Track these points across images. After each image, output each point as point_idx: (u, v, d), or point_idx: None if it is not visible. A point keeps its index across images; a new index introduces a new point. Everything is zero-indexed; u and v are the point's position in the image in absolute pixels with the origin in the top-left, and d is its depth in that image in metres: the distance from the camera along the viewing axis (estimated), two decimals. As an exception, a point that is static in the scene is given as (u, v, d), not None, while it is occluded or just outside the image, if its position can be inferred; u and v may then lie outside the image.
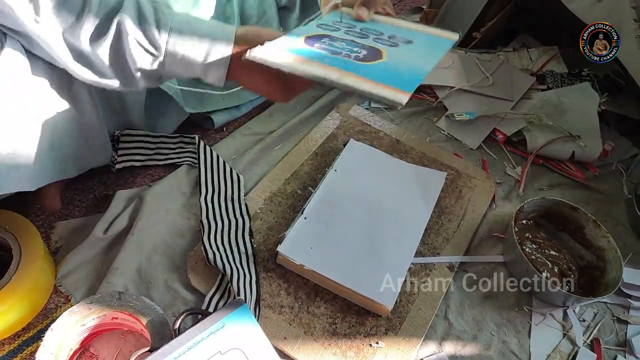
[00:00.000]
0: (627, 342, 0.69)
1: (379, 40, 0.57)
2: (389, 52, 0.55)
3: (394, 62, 0.52)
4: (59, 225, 0.69)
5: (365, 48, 0.54)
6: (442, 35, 0.62)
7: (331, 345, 0.62)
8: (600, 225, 0.75)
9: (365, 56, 0.53)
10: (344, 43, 0.55)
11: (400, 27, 0.62)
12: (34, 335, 0.59)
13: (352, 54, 0.53)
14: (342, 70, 0.49)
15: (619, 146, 0.97)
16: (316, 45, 0.53)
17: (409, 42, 0.58)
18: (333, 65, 0.49)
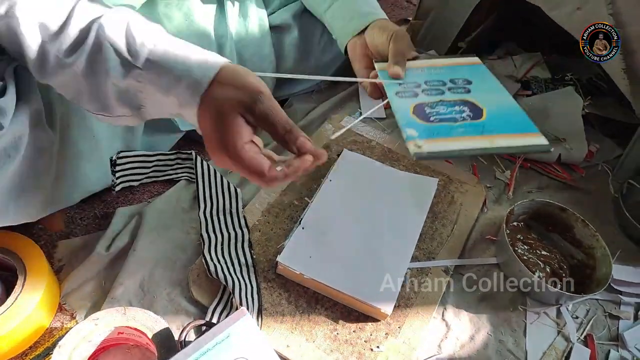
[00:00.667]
0: (619, 336, 0.71)
1: (454, 91, 0.64)
2: (478, 98, 0.62)
3: (492, 107, 0.60)
4: (62, 244, 0.70)
5: (459, 104, 0.61)
6: (473, 62, 0.71)
7: (333, 351, 0.63)
8: (588, 225, 0.77)
9: (472, 112, 0.60)
10: (444, 106, 0.61)
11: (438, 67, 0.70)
12: (41, 353, 0.60)
13: (464, 114, 0.59)
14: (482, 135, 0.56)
15: (604, 147, 1.00)
16: (432, 119, 0.58)
17: (470, 82, 0.66)
18: (471, 134, 0.56)
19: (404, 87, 0.65)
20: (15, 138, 0.54)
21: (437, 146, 0.55)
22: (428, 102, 0.62)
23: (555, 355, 0.68)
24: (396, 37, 0.70)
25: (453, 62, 0.71)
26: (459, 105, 0.61)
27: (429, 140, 0.55)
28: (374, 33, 0.75)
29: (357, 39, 0.78)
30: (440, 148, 0.55)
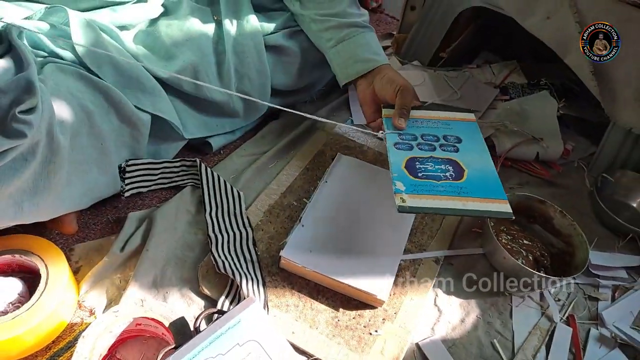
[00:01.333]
0: (599, 316, 0.77)
1: (444, 148, 0.75)
2: (462, 160, 0.73)
3: (473, 170, 0.71)
4: (78, 247, 0.75)
5: (447, 162, 0.73)
6: (467, 119, 0.82)
7: (335, 336, 0.68)
8: (566, 215, 0.83)
9: (454, 173, 0.71)
10: (432, 163, 0.72)
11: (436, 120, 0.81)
12: (64, 346, 0.64)
13: (447, 174, 0.70)
14: (457, 197, 0.67)
15: (579, 145, 1.07)
16: (420, 175, 0.70)
17: (460, 141, 0.77)
18: (449, 195, 0.67)
19: (402, 139, 0.76)
20: (33, 144, 0.59)
21: (418, 202, 0.65)
22: (420, 157, 0.73)
23: (540, 334, 0.74)
24: (402, 91, 0.79)
25: (450, 116, 0.82)
26: (445, 165, 0.72)
27: (413, 195, 0.66)
28: (384, 85, 0.83)
29: (366, 84, 0.86)
30: (421, 204, 0.65)
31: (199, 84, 0.77)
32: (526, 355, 0.71)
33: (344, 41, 0.88)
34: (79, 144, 0.69)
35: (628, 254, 0.87)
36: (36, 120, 0.57)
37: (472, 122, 0.81)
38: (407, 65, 1.18)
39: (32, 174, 0.61)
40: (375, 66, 0.85)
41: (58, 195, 0.67)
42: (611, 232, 0.90)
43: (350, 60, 0.88)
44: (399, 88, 0.80)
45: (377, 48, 0.89)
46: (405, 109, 0.79)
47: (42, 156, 0.61)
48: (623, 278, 0.83)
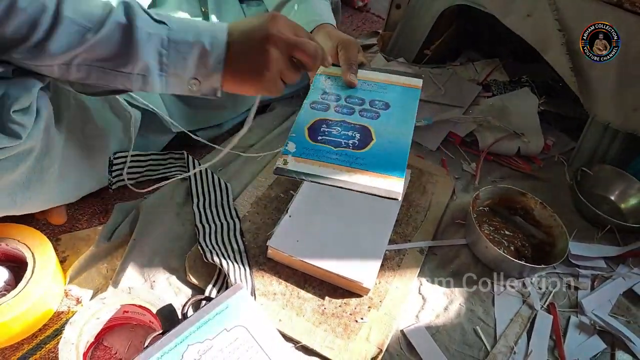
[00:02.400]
0: (578, 304, 0.79)
1: (364, 113, 0.67)
2: (376, 128, 0.65)
3: (382, 141, 0.63)
4: (65, 237, 0.75)
5: (357, 129, 0.64)
6: (410, 85, 0.72)
7: (321, 324, 0.69)
8: (546, 207, 0.86)
9: (358, 141, 0.62)
10: (340, 127, 0.64)
11: (376, 83, 0.72)
12: (50, 334, 0.65)
13: (350, 141, 0.62)
14: (348, 167, 0.59)
15: (559, 141, 1.10)
16: (319, 139, 0.62)
17: (388, 107, 0.68)
18: (340, 163, 0.59)
19: (322, 98, 0.69)
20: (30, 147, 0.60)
21: (300, 167, 0.59)
22: (330, 120, 0.65)
23: (522, 321, 0.75)
24: (345, 45, 0.73)
25: (393, 80, 0.73)
26: (354, 131, 0.64)
27: (299, 158, 0.60)
28: (320, 40, 0.76)
29: None
30: (302, 169, 0.58)
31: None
32: (508, 342, 0.72)
33: (292, 12, 0.85)
34: (74, 139, 0.69)
35: (607, 244, 0.89)
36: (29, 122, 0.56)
37: (415, 89, 0.72)
38: (392, 62, 1.19)
39: (27, 169, 0.61)
40: (316, 25, 0.80)
41: (51, 189, 0.67)
42: (590, 223, 0.93)
43: None
44: (340, 42, 0.74)
45: (320, 10, 0.84)
46: (353, 62, 0.71)
47: (37, 152, 0.61)
48: (602, 268, 0.85)
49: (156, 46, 0.54)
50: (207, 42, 0.55)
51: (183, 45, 0.55)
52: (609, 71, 0.90)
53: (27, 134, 0.56)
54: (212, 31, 0.56)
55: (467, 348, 0.71)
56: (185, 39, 0.55)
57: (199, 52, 0.56)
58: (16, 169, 0.59)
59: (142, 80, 0.56)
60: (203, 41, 0.55)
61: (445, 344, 0.70)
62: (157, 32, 0.54)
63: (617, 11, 0.85)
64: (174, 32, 0.54)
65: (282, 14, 0.60)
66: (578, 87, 0.95)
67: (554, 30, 0.93)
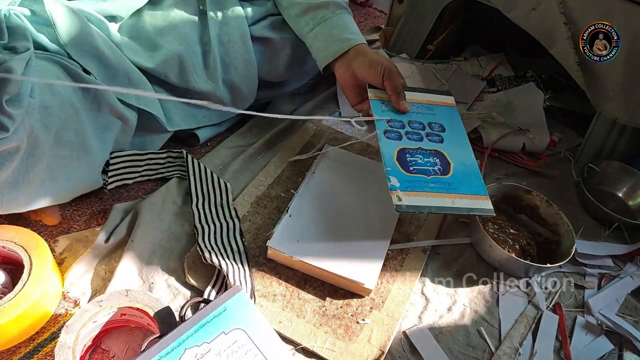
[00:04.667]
0: (585, 303, 0.78)
1: (430, 137, 0.77)
2: (447, 152, 0.76)
3: (458, 167, 0.75)
4: (62, 238, 0.74)
5: (434, 155, 0.75)
6: (448, 104, 0.84)
7: (322, 325, 0.68)
8: (552, 204, 0.84)
9: (441, 167, 0.74)
10: (421, 155, 0.74)
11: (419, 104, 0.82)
12: (47, 337, 0.64)
13: (436, 167, 0.73)
14: (447, 194, 0.70)
15: (566, 136, 1.08)
16: (412, 169, 0.72)
17: (444, 130, 0.79)
18: (439, 191, 0.70)
19: (391, 126, 0.76)
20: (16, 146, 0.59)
21: (413, 201, 0.68)
22: (409, 148, 0.74)
23: (527, 322, 0.74)
24: (389, 73, 0.79)
25: (432, 100, 0.83)
26: (433, 157, 0.74)
27: (407, 192, 0.68)
28: (364, 66, 0.81)
29: (345, 67, 0.84)
30: (416, 203, 0.68)
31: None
32: (513, 343, 0.71)
33: (320, 24, 0.86)
34: (66, 139, 0.68)
35: (614, 242, 0.87)
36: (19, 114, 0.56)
37: (453, 107, 0.83)
38: (394, 57, 1.18)
39: (13, 169, 0.61)
40: (351, 46, 0.83)
41: (38, 188, 0.66)
42: (597, 221, 0.91)
43: (326, 43, 0.85)
44: (384, 70, 0.79)
45: (353, 28, 0.87)
46: (400, 90, 0.79)
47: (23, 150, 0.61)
48: (609, 266, 0.84)
49: None
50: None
51: None
52: (616, 65, 0.88)
53: (14, 128, 0.55)
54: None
55: (471, 349, 0.69)
56: None
57: None
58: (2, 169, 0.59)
59: None
60: None
61: (449, 346, 0.69)
62: None
63: (625, 3, 0.83)
64: None
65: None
66: (585, 82, 0.93)
67: (560, 24, 0.91)
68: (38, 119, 0.62)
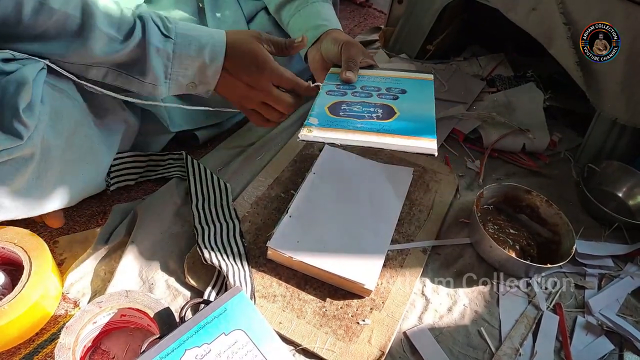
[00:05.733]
0: (585, 304, 0.77)
1: (382, 96, 0.70)
2: (397, 105, 0.68)
3: (407, 114, 0.66)
4: (62, 239, 0.74)
5: (378, 106, 0.67)
6: (423, 78, 0.78)
7: (322, 326, 0.68)
8: (552, 204, 0.84)
9: (383, 114, 0.66)
10: (359, 106, 0.68)
11: (388, 77, 0.76)
12: (47, 338, 0.64)
13: (373, 115, 0.66)
14: (376, 132, 0.62)
15: (566, 136, 1.08)
16: (341, 114, 0.65)
17: (404, 92, 0.72)
18: (366, 130, 0.62)
19: (338, 87, 0.71)
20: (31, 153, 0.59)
21: (325, 134, 0.60)
22: (349, 101, 0.67)
23: (527, 322, 0.74)
24: (346, 45, 0.78)
25: (405, 75, 0.76)
26: (375, 107, 0.66)
27: (322, 128, 0.61)
28: (327, 45, 0.81)
29: (315, 51, 0.84)
30: (327, 135, 0.60)
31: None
32: (513, 343, 0.71)
33: (295, 15, 0.87)
34: (76, 143, 0.68)
35: (614, 242, 0.87)
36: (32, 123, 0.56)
37: (427, 81, 0.76)
38: (394, 58, 1.18)
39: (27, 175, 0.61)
40: (323, 32, 0.83)
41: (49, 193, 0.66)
42: (597, 221, 0.91)
43: (301, 32, 0.85)
44: (342, 44, 0.78)
45: (327, 14, 0.87)
46: (352, 61, 0.75)
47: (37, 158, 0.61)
48: (609, 267, 0.83)
49: (163, 60, 0.65)
50: (207, 57, 0.67)
51: (186, 59, 0.66)
52: (616, 65, 0.88)
53: (29, 134, 0.56)
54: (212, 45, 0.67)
55: (472, 350, 0.69)
56: (188, 53, 0.66)
57: (199, 65, 0.67)
58: (17, 176, 0.59)
59: (152, 88, 0.67)
60: (204, 56, 0.67)
61: (449, 346, 0.69)
62: (164, 47, 0.64)
63: (625, 3, 0.83)
64: (179, 46, 0.65)
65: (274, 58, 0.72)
66: (584, 82, 0.93)
67: (560, 24, 0.91)
68: (50, 125, 0.62)
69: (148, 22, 0.63)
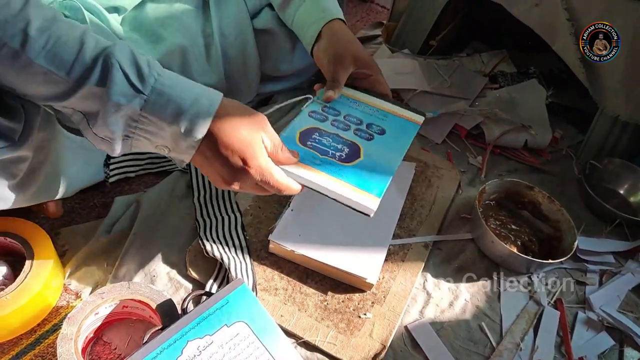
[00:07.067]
0: (586, 300, 0.78)
1: (358, 132, 0.68)
2: (366, 148, 0.66)
3: (369, 161, 0.64)
4: (64, 231, 0.74)
5: (347, 145, 0.65)
6: (411, 119, 0.74)
7: (324, 319, 0.68)
8: (554, 200, 0.84)
9: (347, 155, 0.64)
10: (331, 139, 0.66)
11: (377, 109, 0.73)
12: (49, 329, 0.64)
13: (337, 153, 0.64)
14: (328, 174, 0.60)
15: (568, 133, 1.08)
16: (308, 144, 0.64)
17: (383, 133, 0.69)
18: (321, 170, 0.60)
19: (323, 110, 0.71)
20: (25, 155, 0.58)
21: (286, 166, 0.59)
22: (323, 130, 0.66)
23: (528, 317, 0.74)
24: (334, 61, 0.74)
25: (395, 111, 0.74)
26: (343, 145, 0.65)
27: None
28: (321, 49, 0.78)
29: (317, 48, 0.80)
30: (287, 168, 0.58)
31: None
32: (514, 338, 0.71)
33: (296, 12, 0.82)
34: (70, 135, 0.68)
35: (615, 239, 0.87)
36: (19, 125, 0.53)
37: (415, 124, 0.73)
38: (397, 53, 1.17)
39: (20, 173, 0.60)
40: (322, 25, 0.78)
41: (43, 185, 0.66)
42: (599, 218, 0.91)
43: (304, 29, 0.82)
44: (331, 58, 0.74)
45: (326, 3, 0.80)
46: (336, 80, 0.72)
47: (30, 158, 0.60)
48: (610, 263, 0.83)
49: (124, 119, 0.49)
50: (184, 126, 0.50)
51: (157, 122, 0.50)
52: (618, 62, 0.88)
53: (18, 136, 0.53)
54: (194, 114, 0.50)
55: (473, 344, 0.69)
56: (161, 116, 0.49)
57: (171, 133, 0.51)
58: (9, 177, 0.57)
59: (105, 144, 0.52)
60: (180, 124, 0.50)
61: (450, 341, 0.69)
62: (129, 103, 0.48)
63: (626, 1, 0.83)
64: (151, 105, 0.49)
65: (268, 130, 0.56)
66: (587, 78, 0.93)
67: (563, 20, 0.90)
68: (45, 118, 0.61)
69: (113, 68, 0.47)
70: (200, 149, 0.53)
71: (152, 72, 0.49)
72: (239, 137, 0.53)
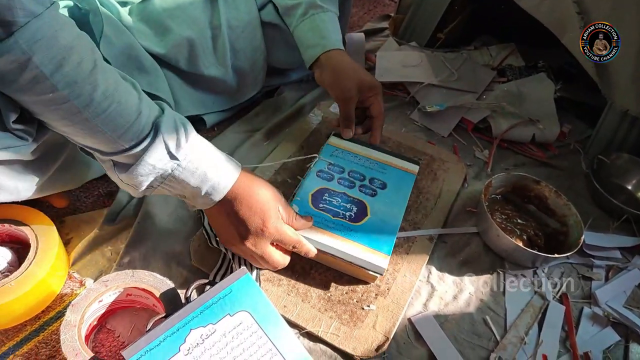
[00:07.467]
0: (592, 295, 0.77)
1: (362, 189, 0.77)
2: (372, 205, 0.75)
3: (376, 217, 0.73)
4: (69, 219, 0.74)
5: (355, 203, 0.75)
6: (408, 170, 0.83)
7: (327, 310, 0.68)
8: (561, 195, 0.83)
9: (356, 214, 0.73)
10: (340, 199, 0.75)
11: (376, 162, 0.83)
12: (53, 316, 0.64)
13: (347, 213, 0.73)
14: (342, 237, 0.69)
15: (576, 128, 1.07)
16: (320, 206, 0.73)
17: (385, 187, 0.78)
18: (335, 232, 0.69)
19: (329, 168, 0.79)
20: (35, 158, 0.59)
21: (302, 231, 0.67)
22: (332, 190, 0.75)
23: (533, 311, 0.73)
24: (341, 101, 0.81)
25: (393, 163, 0.83)
26: (351, 204, 0.74)
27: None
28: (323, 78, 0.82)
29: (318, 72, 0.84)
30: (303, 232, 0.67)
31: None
32: (518, 332, 0.70)
33: (300, 24, 0.84)
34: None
35: (622, 234, 0.86)
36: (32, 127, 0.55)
37: (412, 174, 0.82)
38: (404, 46, 1.17)
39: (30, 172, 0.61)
40: (320, 53, 0.82)
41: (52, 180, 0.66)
42: (606, 213, 0.90)
43: (303, 46, 0.85)
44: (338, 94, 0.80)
45: (326, 30, 0.83)
46: (348, 119, 0.81)
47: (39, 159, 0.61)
48: (617, 258, 0.83)
49: (155, 176, 0.56)
50: (204, 190, 0.58)
51: (182, 183, 0.57)
52: (627, 57, 0.87)
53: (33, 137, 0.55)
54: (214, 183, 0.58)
55: (477, 338, 0.69)
56: (187, 181, 0.57)
57: (193, 192, 0.59)
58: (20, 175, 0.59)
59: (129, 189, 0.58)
60: (201, 188, 0.58)
61: (454, 334, 0.69)
62: (164, 167, 0.55)
63: (638, -6, 0.82)
64: (180, 171, 0.56)
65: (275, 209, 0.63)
66: (596, 73, 0.92)
67: (572, 13, 0.89)
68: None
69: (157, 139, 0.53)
70: (215, 207, 0.61)
71: (188, 141, 0.56)
72: (261, 201, 0.61)
